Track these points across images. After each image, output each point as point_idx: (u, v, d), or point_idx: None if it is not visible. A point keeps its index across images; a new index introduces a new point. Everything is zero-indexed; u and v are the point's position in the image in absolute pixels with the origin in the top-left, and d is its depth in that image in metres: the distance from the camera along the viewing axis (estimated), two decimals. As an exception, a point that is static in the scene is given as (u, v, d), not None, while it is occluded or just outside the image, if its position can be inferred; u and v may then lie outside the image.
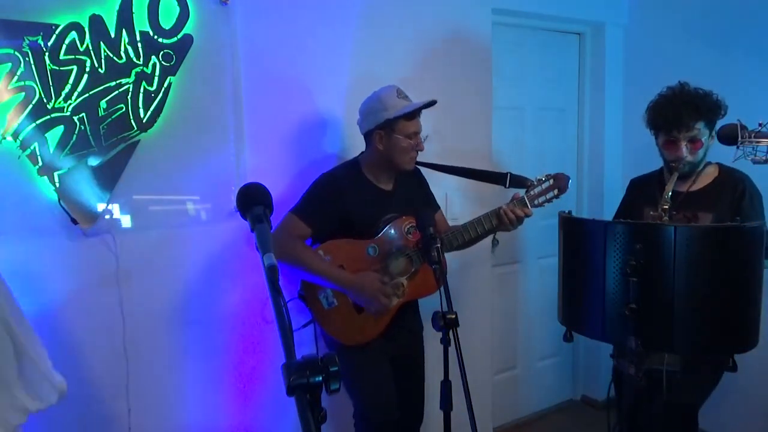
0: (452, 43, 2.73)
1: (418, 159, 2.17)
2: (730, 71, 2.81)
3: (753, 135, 1.55)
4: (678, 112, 2.00)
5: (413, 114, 2.05)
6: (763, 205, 2.08)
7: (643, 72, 3.16)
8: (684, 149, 2.02)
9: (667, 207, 1.85)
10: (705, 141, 2.03)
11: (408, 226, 2.11)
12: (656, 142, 2.14)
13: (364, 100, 2.11)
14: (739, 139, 1.56)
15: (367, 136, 2.11)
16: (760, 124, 1.56)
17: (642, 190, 2.28)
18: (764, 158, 1.55)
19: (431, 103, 2.10)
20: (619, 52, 3.34)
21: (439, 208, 2.36)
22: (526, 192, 2.16)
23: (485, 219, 2.12)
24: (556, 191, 2.17)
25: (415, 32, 2.61)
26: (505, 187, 2.27)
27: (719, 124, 1.96)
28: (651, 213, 1.91)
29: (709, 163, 2.14)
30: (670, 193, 1.86)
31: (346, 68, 2.45)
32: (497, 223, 2.11)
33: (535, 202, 2.15)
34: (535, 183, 2.17)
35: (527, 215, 2.12)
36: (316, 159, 2.39)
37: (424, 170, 2.32)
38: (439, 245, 1.75)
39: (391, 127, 2.03)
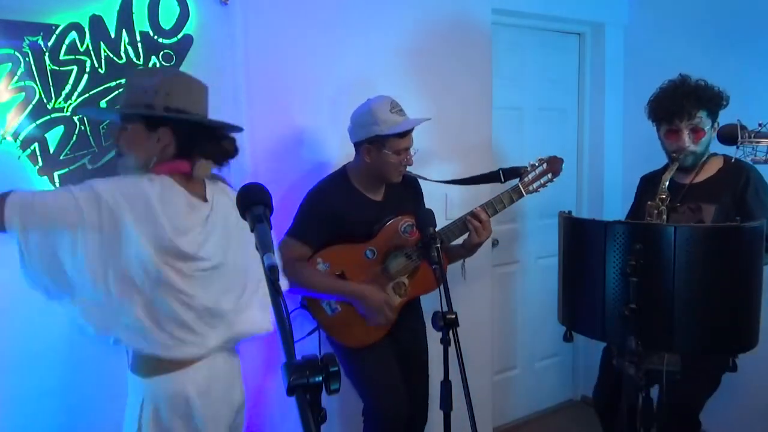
0: (452, 44, 2.73)
1: (416, 172, 2.17)
2: (730, 71, 2.80)
3: (753, 135, 1.55)
4: (680, 101, 2.01)
5: (405, 132, 2.02)
6: None
7: (643, 72, 3.16)
8: (686, 138, 2.02)
9: (664, 196, 1.86)
10: (708, 131, 2.03)
11: (404, 225, 2.10)
12: (658, 134, 2.14)
13: (356, 109, 2.09)
14: (739, 139, 1.56)
15: (357, 145, 2.09)
16: (760, 124, 1.56)
17: (648, 186, 2.29)
18: (764, 158, 1.55)
19: (425, 120, 2.07)
20: (619, 52, 3.34)
21: None
22: (520, 180, 2.16)
23: (454, 227, 2.14)
24: (550, 175, 2.18)
25: (415, 33, 2.61)
26: (502, 182, 2.27)
27: (722, 116, 1.96)
28: (648, 203, 1.92)
29: (714, 154, 2.13)
30: (666, 183, 1.87)
31: (346, 69, 2.44)
32: (465, 230, 2.12)
33: (530, 188, 2.16)
34: (529, 169, 2.17)
35: (481, 220, 2.10)
36: (317, 160, 2.38)
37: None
38: (439, 245, 1.75)
39: (381, 143, 2.00)
